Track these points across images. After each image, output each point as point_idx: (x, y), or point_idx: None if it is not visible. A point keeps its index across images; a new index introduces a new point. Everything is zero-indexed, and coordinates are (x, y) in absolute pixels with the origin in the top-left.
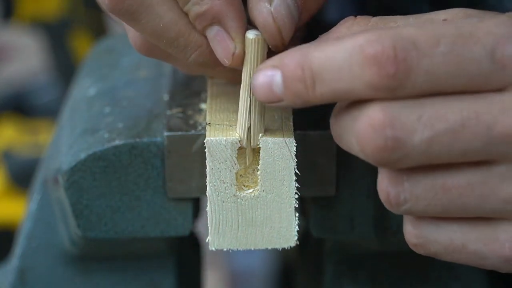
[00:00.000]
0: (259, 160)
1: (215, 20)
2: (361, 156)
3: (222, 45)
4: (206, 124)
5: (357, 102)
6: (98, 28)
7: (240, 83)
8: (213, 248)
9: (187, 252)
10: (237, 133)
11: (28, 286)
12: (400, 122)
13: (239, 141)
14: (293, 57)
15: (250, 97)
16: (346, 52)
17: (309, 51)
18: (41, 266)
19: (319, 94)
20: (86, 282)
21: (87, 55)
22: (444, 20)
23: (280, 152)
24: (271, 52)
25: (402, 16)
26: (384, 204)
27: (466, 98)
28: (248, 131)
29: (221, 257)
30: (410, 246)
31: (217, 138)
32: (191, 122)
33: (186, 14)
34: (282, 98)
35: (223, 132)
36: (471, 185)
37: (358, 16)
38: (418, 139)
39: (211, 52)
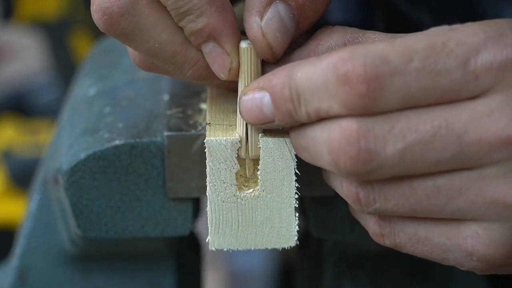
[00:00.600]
0: (259, 160)
1: (211, 37)
2: (330, 167)
3: (218, 61)
4: (206, 124)
5: None
6: (98, 28)
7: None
8: (213, 248)
9: (187, 252)
10: (237, 133)
11: (28, 286)
12: (374, 134)
13: (239, 145)
14: (279, 77)
15: None
16: (322, 72)
17: (293, 71)
18: (41, 266)
19: (305, 113)
20: (86, 282)
21: (87, 55)
22: None
23: (280, 152)
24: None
25: (379, 32)
26: (353, 204)
27: (438, 108)
28: (246, 143)
29: (221, 257)
30: (373, 237)
31: (217, 138)
32: (191, 122)
33: (182, 31)
34: (273, 118)
35: (223, 132)
36: (438, 187)
37: (335, 26)
38: (390, 150)
39: (208, 66)
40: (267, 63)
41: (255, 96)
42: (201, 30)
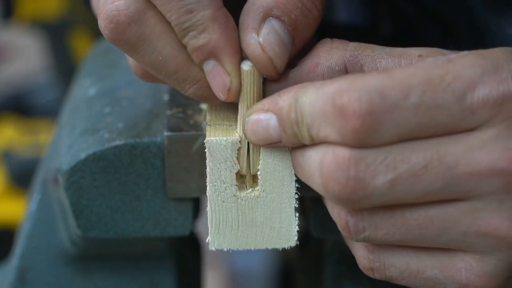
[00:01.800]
0: (259, 160)
1: (212, 54)
2: (319, 190)
3: (218, 80)
4: (206, 124)
5: None
6: (98, 28)
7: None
8: (213, 248)
9: (187, 252)
10: (237, 133)
11: (28, 286)
12: (365, 164)
13: (239, 145)
14: (286, 99)
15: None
16: (322, 100)
17: (300, 93)
18: (41, 266)
19: (308, 137)
20: (86, 282)
21: (87, 55)
22: (420, 55)
23: (280, 152)
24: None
25: (378, 47)
26: (342, 231)
27: (431, 140)
28: (247, 162)
29: (221, 257)
30: (364, 271)
31: (217, 138)
32: (191, 122)
33: (185, 48)
34: (280, 139)
35: (223, 132)
36: (430, 217)
37: (334, 40)
38: (380, 181)
39: (209, 86)
40: (268, 84)
41: (260, 118)
42: (203, 47)
